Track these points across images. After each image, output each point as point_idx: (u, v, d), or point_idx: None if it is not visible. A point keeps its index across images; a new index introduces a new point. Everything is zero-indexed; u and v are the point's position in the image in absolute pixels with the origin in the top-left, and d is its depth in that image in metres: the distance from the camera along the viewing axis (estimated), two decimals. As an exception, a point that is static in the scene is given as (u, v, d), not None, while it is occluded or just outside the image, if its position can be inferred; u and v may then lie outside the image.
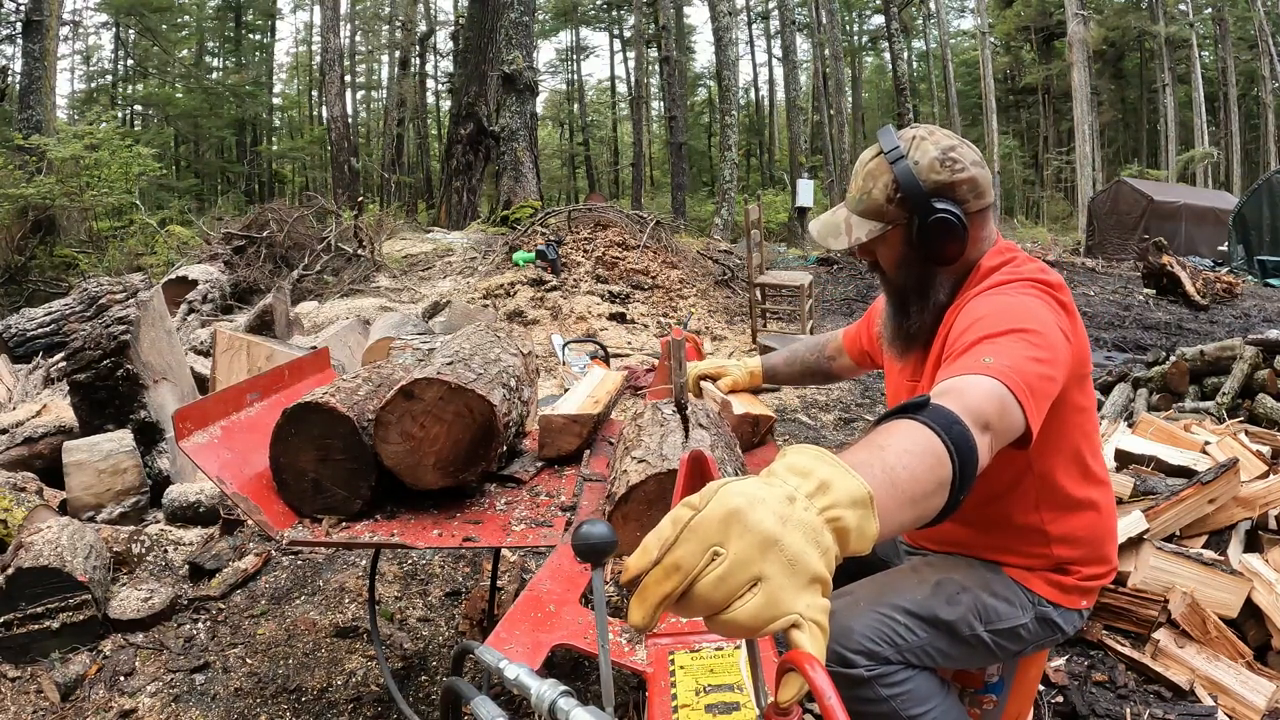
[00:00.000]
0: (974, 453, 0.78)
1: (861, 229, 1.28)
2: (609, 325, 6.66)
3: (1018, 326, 1.04)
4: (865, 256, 1.36)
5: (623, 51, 33.66)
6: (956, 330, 1.15)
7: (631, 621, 0.55)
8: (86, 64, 27.50)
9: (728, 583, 0.53)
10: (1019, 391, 0.92)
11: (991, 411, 0.87)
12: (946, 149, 1.24)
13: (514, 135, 13.09)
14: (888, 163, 1.25)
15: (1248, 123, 24.35)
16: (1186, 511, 2.18)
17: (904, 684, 1.18)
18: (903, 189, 1.23)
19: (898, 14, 19.46)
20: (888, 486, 0.67)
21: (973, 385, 0.90)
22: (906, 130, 1.29)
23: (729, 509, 0.55)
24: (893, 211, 1.25)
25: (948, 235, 1.23)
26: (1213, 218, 12.78)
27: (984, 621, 1.23)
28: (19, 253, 9.81)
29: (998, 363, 0.95)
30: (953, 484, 0.75)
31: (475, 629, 2.24)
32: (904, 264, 1.29)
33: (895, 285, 1.33)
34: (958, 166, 1.23)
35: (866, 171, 1.28)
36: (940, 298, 1.29)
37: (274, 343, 4.07)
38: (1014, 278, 1.21)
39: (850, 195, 1.32)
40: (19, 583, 2.01)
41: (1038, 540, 1.27)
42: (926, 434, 0.76)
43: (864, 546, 0.61)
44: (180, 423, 1.38)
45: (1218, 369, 3.68)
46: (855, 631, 1.17)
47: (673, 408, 1.59)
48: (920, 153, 1.24)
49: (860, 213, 1.29)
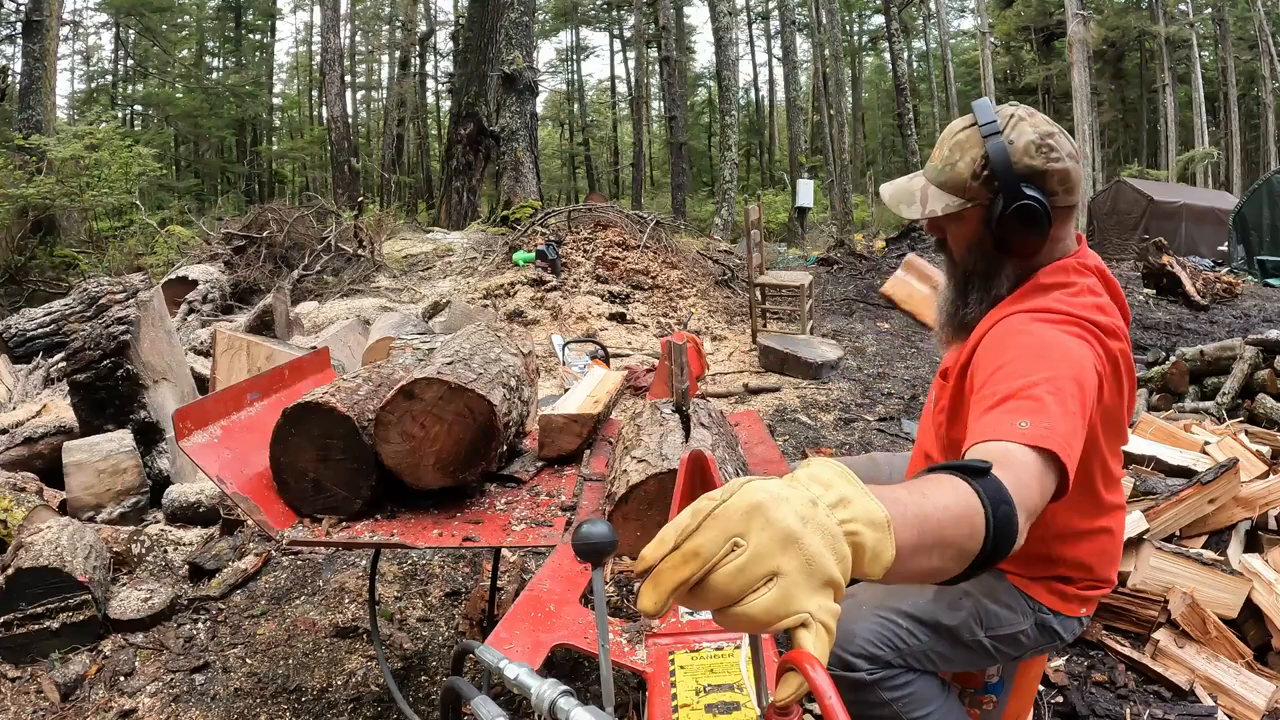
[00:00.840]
0: (1011, 538, 0.76)
1: (938, 201, 1.21)
2: (609, 325, 6.65)
3: (1050, 374, 0.99)
4: (934, 232, 1.29)
5: (623, 51, 33.67)
6: (987, 357, 1.09)
7: (642, 606, 0.55)
8: (86, 64, 27.50)
9: (745, 574, 0.53)
10: (1061, 453, 0.89)
11: (1038, 496, 0.85)
12: (1045, 134, 1.16)
13: (514, 135, 13.08)
14: (980, 136, 1.17)
15: (1248, 123, 24.34)
16: (1186, 511, 2.18)
17: (905, 687, 1.18)
18: (992, 166, 1.15)
19: (898, 14, 19.46)
20: (914, 529, 0.65)
21: (1022, 462, 0.86)
22: (1005, 107, 1.21)
23: (753, 502, 0.55)
24: (976, 189, 1.18)
25: (1030, 226, 1.15)
26: (1213, 218, 12.78)
27: (985, 627, 1.23)
28: (19, 253, 9.82)
29: (1035, 425, 0.91)
30: (975, 559, 0.73)
31: (475, 629, 2.24)
32: (975, 247, 1.22)
33: (961, 268, 1.26)
34: (1054, 155, 1.15)
35: (955, 142, 1.20)
36: (1003, 291, 1.22)
37: (274, 343, 4.07)
38: (1062, 311, 1.12)
39: (931, 164, 1.24)
40: (19, 583, 2.01)
41: (1043, 562, 1.26)
42: (973, 501, 0.73)
43: (877, 570, 0.61)
44: (180, 423, 1.38)
45: (1218, 369, 3.68)
46: (857, 635, 1.17)
47: (672, 408, 1.59)
48: (1017, 133, 1.16)
49: (940, 184, 1.22)
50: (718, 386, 5.14)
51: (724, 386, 5.14)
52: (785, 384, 5.16)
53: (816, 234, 15.61)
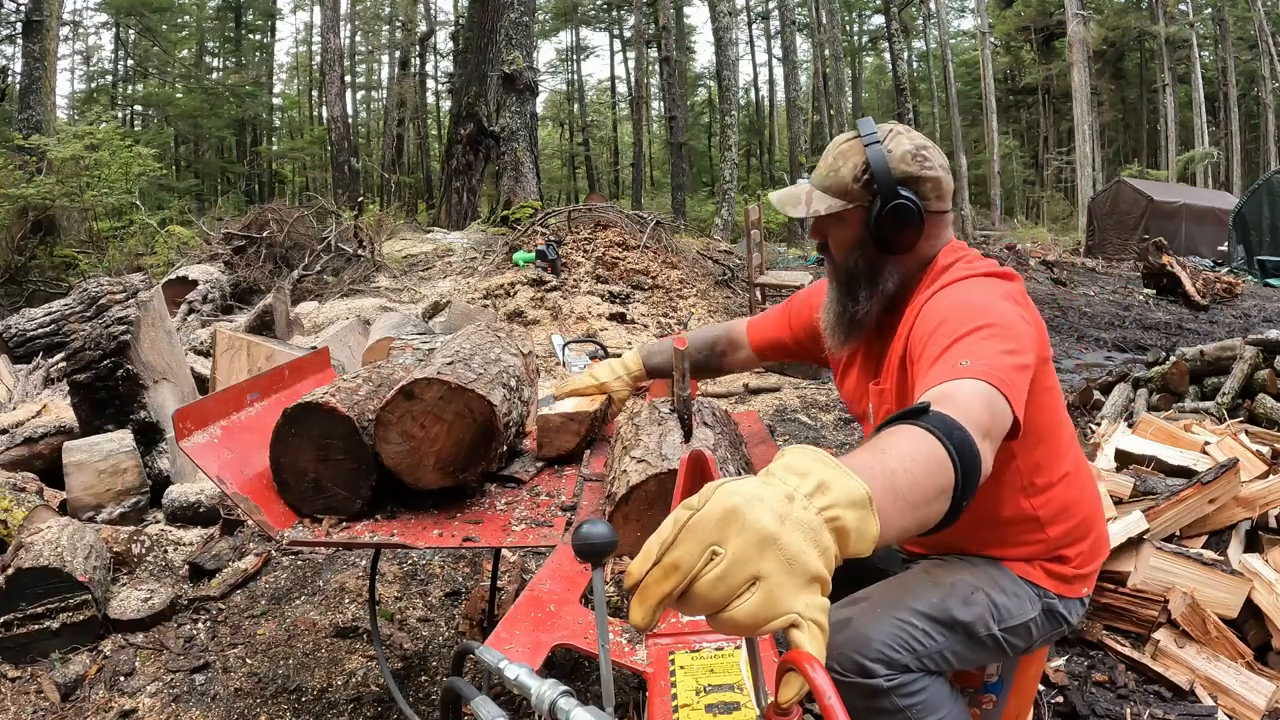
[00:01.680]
0: (977, 459, 0.78)
1: (822, 203, 1.30)
2: (609, 325, 6.65)
3: (982, 323, 1.06)
4: (816, 236, 1.38)
5: (623, 51, 33.68)
6: (921, 332, 1.15)
7: (632, 621, 0.55)
8: (86, 64, 27.51)
9: (726, 582, 0.53)
10: (1002, 386, 0.93)
11: (985, 415, 0.88)
12: (920, 146, 1.27)
13: (514, 135, 13.08)
14: (862, 145, 1.27)
15: (1248, 123, 24.35)
16: (1186, 512, 2.18)
17: (921, 693, 1.17)
18: (872, 171, 1.25)
19: (898, 14, 19.45)
20: (888, 490, 0.66)
21: (961, 390, 0.91)
22: (885, 124, 1.32)
23: (727, 508, 0.55)
24: (856, 191, 1.27)
25: (905, 223, 1.25)
26: (1213, 218, 12.79)
27: (998, 620, 1.24)
28: (19, 253, 9.82)
29: (975, 364, 0.96)
30: (955, 490, 0.75)
31: (475, 629, 2.24)
32: (857, 247, 1.31)
33: (844, 268, 1.34)
34: (927, 164, 1.26)
35: (839, 151, 1.31)
36: (889, 286, 1.31)
37: (274, 343, 4.07)
38: (969, 273, 1.23)
39: (817, 172, 1.34)
40: (19, 583, 2.01)
41: (1031, 526, 1.28)
42: (928, 439, 0.76)
43: (864, 548, 0.61)
44: (180, 423, 1.38)
45: (1218, 369, 3.67)
46: (874, 640, 1.16)
47: (670, 407, 1.59)
48: (895, 143, 1.27)
49: (824, 188, 1.31)
50: (718, 386, 5.15)
51: (724, 386, 5.14)
52: (785, 384, 5.16)
53: (816, 234, 15.56)
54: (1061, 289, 9.77)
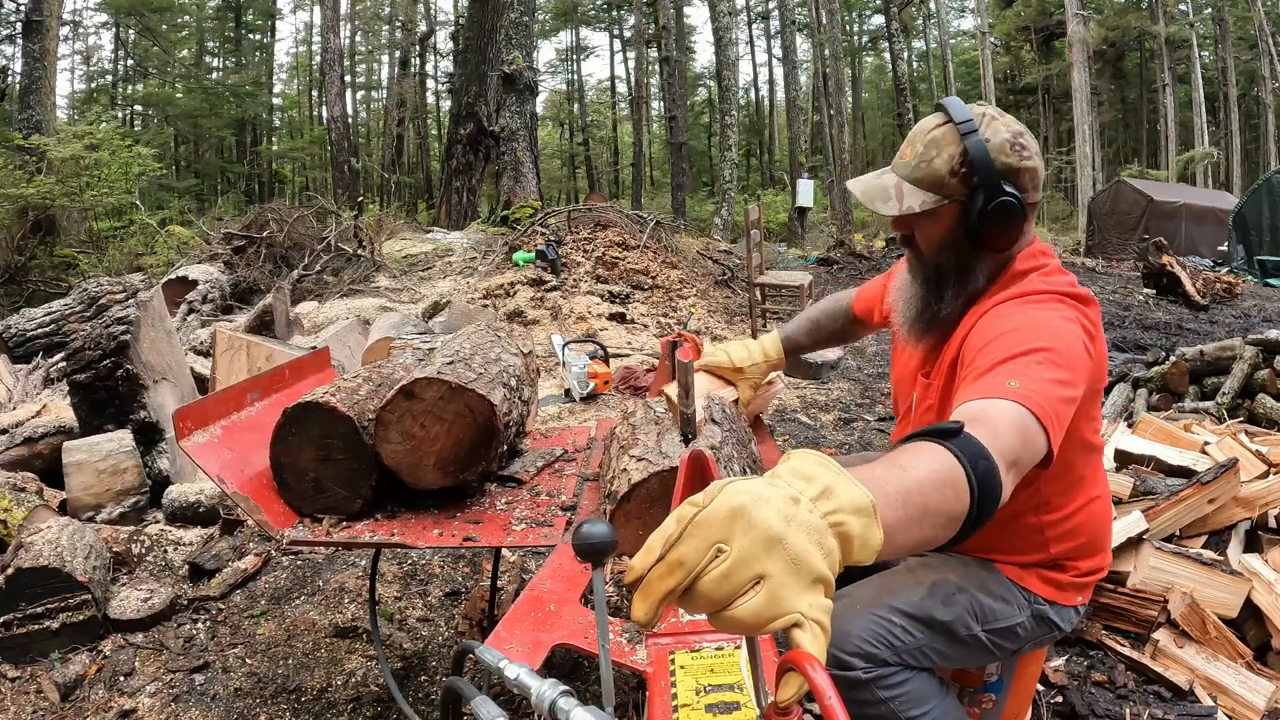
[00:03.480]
0: (996, 491, 0.76)
1: (914, 198, 1.20)
2: (609, 325, 6.65)
3: (1041, 345, 1.02)
4: (900, 229, 1.28)
5: (623, 51, 33.68)
6: (978, 338, 1.11)
7: (634, 617, 0.55)
8: (86, 64, 27.52)
9: (730, 580, 0.53)
10: (1044, 417, 0.90)
11: (1019, 444, 0.86)
12: (1017, 133, 1.19)
13: (514, 135, 13.08)
14: (959, 134, 1.17)
15: (1248, 123, 24.35)
16: (1186, 511, 2.18)
17: (902, 685, 1.18)
18: (972, 163, 1.16)
19: (898, 14, 19.47)
20: (898, 505, 0.66)
21: (1000, 413, 0.88)
22: (975, 106, 1.22)
23: (733, 506, 0.54)
24: (954, 185, 1.18)
25: (1008, 221, 1.17)
26: (1213, 218, 12.78)
27: (980, 621, 1.23)
28: (19, 253, 9.82)
29: (1023, 387, 0.93)
30: (967, 518, 0.74)
31: (475, 629, 2.24)
32: (950, 244, 1.22)
33: (933, 265, 1.25)
34: (1025, 153, 1.18)
35: (930, 139, 1.20)
36: (978, 284, 1.23)
37: (274, 343, 4.07)
38: (1044, 290, 1.16)
39: (904, 160, 1.23)
40: (19, 583, 2.01)
41: (1035, 537, 1.27)
42: (951, 463, 0.74)
43: (867, 556, 0.61)
44: (180, 422, 1.38)
45: (1217, 369, 3.68)
46: (852, 634, 1.17)
47: (665, 406, 1.58)
48: (992, 131, 1.18)
49: (914, 180, 1.21)
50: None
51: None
52: (785, 384, 5.16)
53: (816, 234, 15.62)
54: (1061, 289, 9.73)
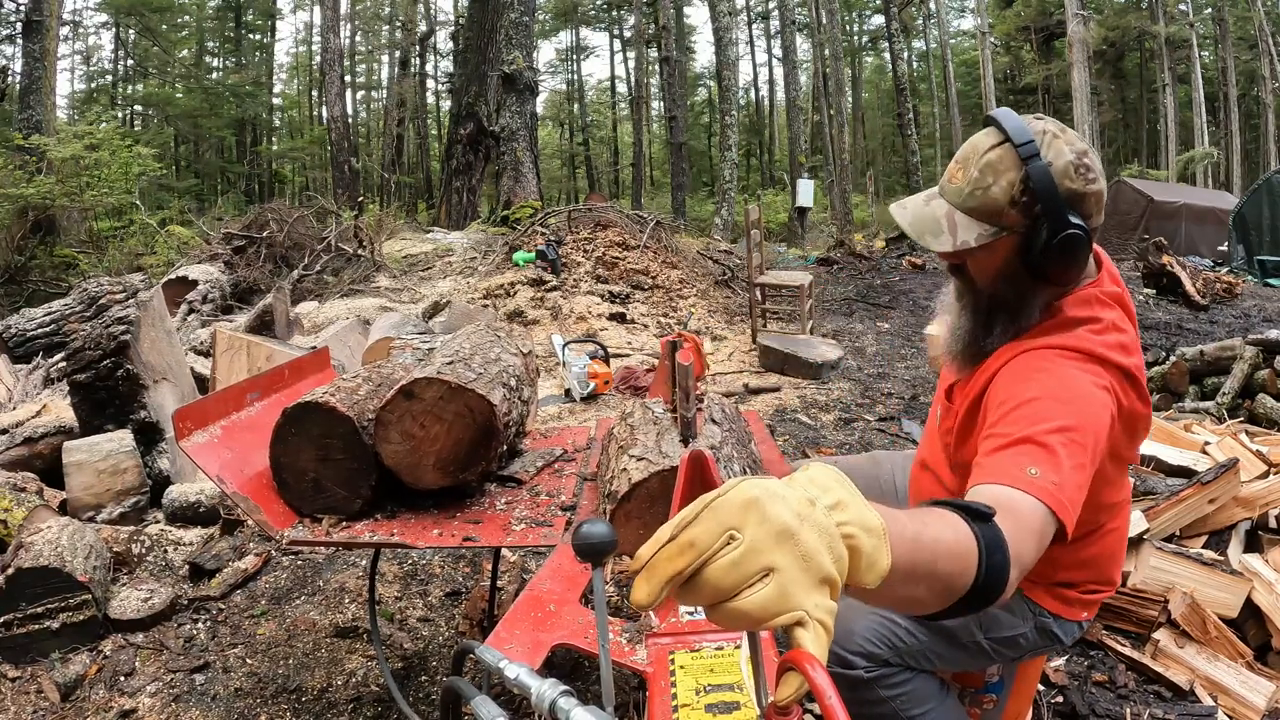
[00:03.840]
0: (996, 590, 0.75)
1: (969, 231, 1.09)
2: (609, 325, 6.65)
3: (1065, 424, 0.96)
4: (950, 260, 1.17)
5: (623, 51, 33.68)
6: (1004, 391, 1.05)
7: (635, 598, 0.54)
8: (86, 64, 27.51)
9: (740, 568, 0.52)
10: (1061, 511, 0.89)
11: (1032, 553, 0.85)
12: (1080, 153, 1.06)
13: (514, 135, 13.09)
14: (1018, 157, 1.05)
15: (1248, 123, 24.34)
16: (1187, 512, 2.18)
17: (903, 685, 1.18)
18: (1035, 193, 1.05)
19: (898, 14, 19.46)
20: (907, 551, 0.64)
21: (1024, 512, 0.87)
22: (1035, 122, 1.09)
23: (749, 497, 0.54)
24: (1014, 216, 1.07)
25: (1074, 255, 1.06)
26: (1213, 218, 12.78)
27: (984, 629, 1.23)
28: (19, 253, 9.82)
29: (1044, 476, 0.90)
30: (960, 599, 0.73)
31: (475, 629, 2.24)
32: (1006, 277, 1.12)
33: (986, 297, 1.15)
34: (1090, 176, 1.06)
35: (985, 162, 1.08)
36: (1032, 320, 1.13)
37: (274, 343, 4.07)
38: (1086, 350, 1.07)
39: (955, 185, 1.11)
40: (19, 583, 2.01)
41: (1044, 566, 1.25)
42: (970, 543, 0.73)
43: (871, 578, 0.60)
44: (180, 422, 1.38)
45: (1218, 369, 3.68)
46: (855, 634, 1.17)
47: (663, 407, 1.59)
48: (1054, 153, 1.06)
49: (968, 210, 1.09)
50: (718, 386, 5.14)
51: (724, 386, 5.14)
52: (785, 384, 5.16)
53: (816, 234, 15.62)
54: (1061, 289, 9.74)
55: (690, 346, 1.76)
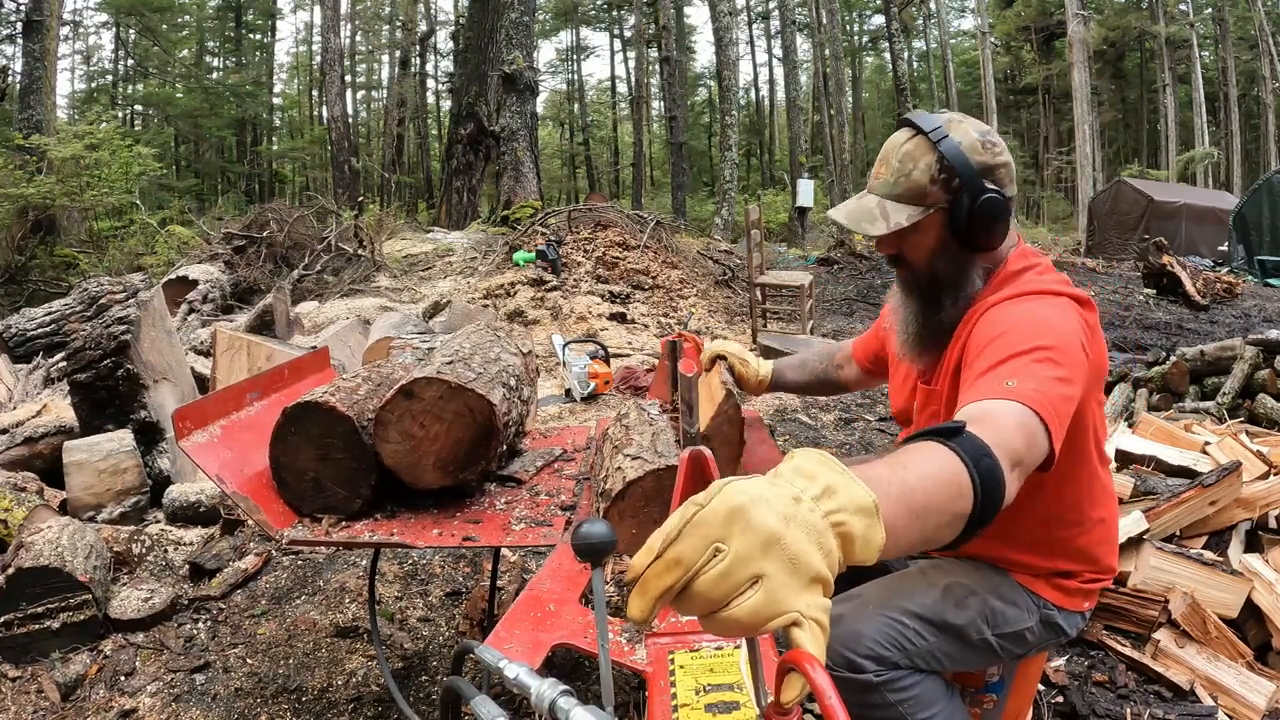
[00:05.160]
0: (999, 489, 0.77)
1: (900, 213, 1.20)
2: (609, 325, 6.65)
3: (1040, 344, 1.02)
4: (887, 250, 1.28)
5: (623, 51, 33.68)
6: (978, 340, 1.11)
7: (630, 615, 0.55)
8: (86, 64, 27.52)
9: (728, 579, 0.53)
10: (1046, 415, 0.90)
11: (1021, 444, 0.86)
12: (984, 131, 1.20)
13: (514, 135, 13.09)
14: (930, 142, 1.17)
15: (1248, 123, 24.34)
16: (1187, 513, 2.18)
17: (912, 689, 1.17)
18: (952, 168, 1.16)
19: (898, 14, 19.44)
20: (900, 505, 0.66)
21: (1002, 413, 0.89)
22: (938, 113, 1.22)
23: (732, 506, 0.54)
24: (936, 193, 1.18)
25: (996, 218, 1.17)
26: (1213, 218, 12.78)
27: (992, 626, 1.23)
28: (19, 253, 9.83)
29: (1022, 386, 0.93)
30: (971, 517, 0.74)
31: (475, 629, 2.24)
32: (942, 251, 1.22)
33: (928, 275, 1.25)
34: (997, 149, 1.19)
35: (904, 153, 1.20)
36: (976, 287, 1.23)
37: (274, 343, 4.07)
38: (1039, 288, 1.17)
39: (881, 179, 1.23)
40: (19, 582, 2.01)
41: (1043, 552, 1.27)
42: (954, 462, 0.75)
43: (869, 556, 0.61)
44: (180, 422, 1.38)
45: (1218, 369, 3.67)
46: (865, 636, 1.17)
47: (658, 409, 1.59)
48: (961, 133, 1.18)
49: (896, 196, 1.20)
50: (718, 386, 5.13)
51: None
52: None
53: (816, 234, 15.61)
54: (1062, 289, 9.75)
55: (691, 348, 1.76)
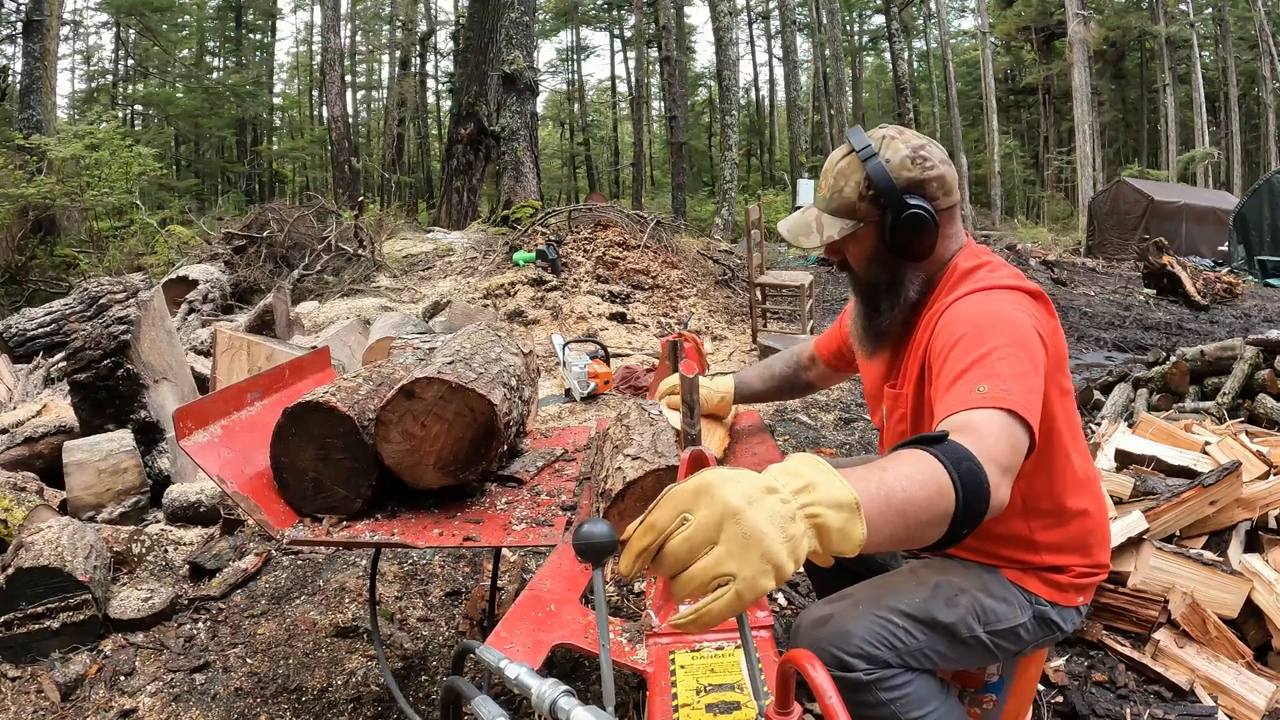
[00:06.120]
0: (982, 491, 0.81)
1: (833, 227, 1.29)
2: (609, 325, 6.65)
3: (998, 342, 1.07)
4: (834, 256, 1.37)
5: (623, 51, 33.68)
6: (940, 344, 1.16)
7: (619, 570, 0.65)
8: (87, 64, 27.52)
9: (689, 542, 0.63)
10: (1020, 410, 0.96)
11: (1006, 448, 0.91)
12: (916, 147, 1.26)
13: (514, 135, 13.08)
14: (859, 160, 1.26)
15: (1248, 123, 24.34)
16: (1187, 513, 2.18)
17: (904, 687, 1.17)
18: (875, 186, 1.24)
19: (898, 14, 19.45)
20: (880, 502, 0.72)
21: (983, 421, 0.94)
22: (876, 130, 1.30)
23: (700, 483, 0.65)
24: (865, 208, 1.27)
25: (920, 230, 1.24)
26: (1213, 218, 12.79)
27: (983, 623, 1.23)
28: (19, 253, 9.82)
29: (992, 389, 0.99)
30: (955, 516, 0.78)
31: (475, 629, 2.24)
32: (875, 261, 1.30)
33: (866, 282, 1.34)
34: (928, 164, 1.25)
35: (838, 170, 1.29)
36: (911, 295, 1.30)
37: (274, 342, 4.07)
38: (991, 284, 1.22)
39: (820, 194, 1.33)
40: (19, 582, 2.01)
41: (1025, 548, 1.28)
42: (933, 464, 0.79)
43: (848, 548, 0.68)
44: (180, 422, 1.38)
45: (1218, 369, 3.67)
46: (854, 635, 1.17)
47: (659, 409, 1.59)
48: (891, 150, 1.25)
49: (832, 211, 1.30)
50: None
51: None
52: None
53: (817, 234, 15.57)
54: (1062, 289, 9.77)
55: (691, 348, 1.78)
